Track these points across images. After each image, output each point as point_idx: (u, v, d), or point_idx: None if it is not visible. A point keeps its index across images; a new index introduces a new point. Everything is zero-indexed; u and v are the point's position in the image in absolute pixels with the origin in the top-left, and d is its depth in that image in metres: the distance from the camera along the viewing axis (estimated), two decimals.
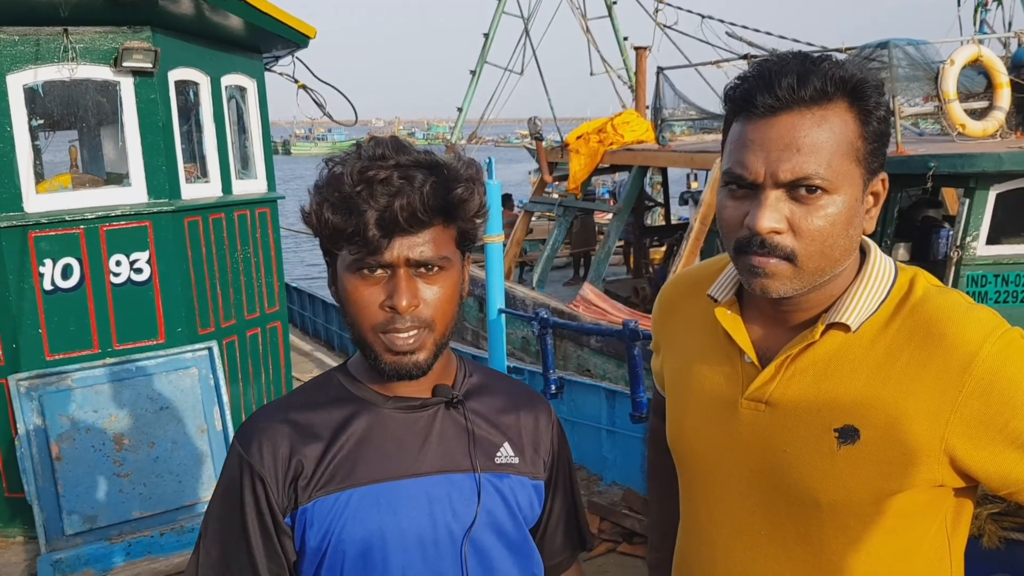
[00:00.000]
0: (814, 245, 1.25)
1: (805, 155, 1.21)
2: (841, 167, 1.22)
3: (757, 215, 1.24)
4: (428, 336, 1.32)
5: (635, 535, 4.95)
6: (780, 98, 1.22)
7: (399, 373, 1.32)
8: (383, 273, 1.29)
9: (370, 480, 1.34)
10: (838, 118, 1.22)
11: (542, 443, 1.50)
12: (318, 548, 1.33)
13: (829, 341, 1.32)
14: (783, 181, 1.23)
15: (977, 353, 1.22)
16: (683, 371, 1.52)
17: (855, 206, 1.25)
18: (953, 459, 1.24)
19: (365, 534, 1.32)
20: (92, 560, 4.40)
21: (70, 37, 4.67)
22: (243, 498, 1.33)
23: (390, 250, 1.27)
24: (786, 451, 1.33)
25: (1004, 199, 7.13)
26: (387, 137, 1.34)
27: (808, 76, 1.21)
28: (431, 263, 1.29)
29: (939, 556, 1.35)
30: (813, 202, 1.23)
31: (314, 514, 1.33)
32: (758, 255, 1.27)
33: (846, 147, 1.23)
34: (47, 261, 4.76)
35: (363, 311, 1.31)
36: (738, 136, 1.27)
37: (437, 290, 1.32)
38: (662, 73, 11.23)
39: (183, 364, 4.92)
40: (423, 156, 1.31)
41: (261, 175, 6.14)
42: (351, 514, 1.32)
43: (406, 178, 1.26)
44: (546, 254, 11.34)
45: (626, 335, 4.60)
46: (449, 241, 1.33)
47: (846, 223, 1.25)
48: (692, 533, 1.51)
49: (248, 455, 1.35)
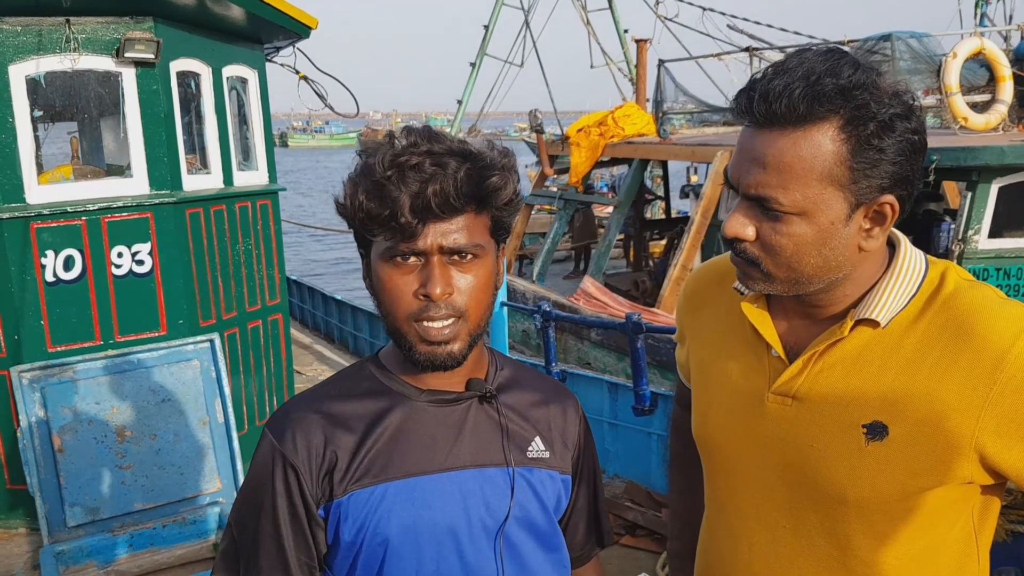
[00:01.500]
0: (779, 259, 1.26)
1: (770, 175, 1.21)
2: (812, 192, 1.20)
3: (725, 220, 1.28)
4: (462, 326, 1.30)
5: (638, 527, 4.95)
6: (763, 113, 1.20)
7: (433, 363, 1.31)
8: (416, 261, 1.28)
9: (405, 474, 1.33)
10: (819, 140, 1.19)
11: (570, 437, 1.49)
12: (353, 542, 1.33)
13: (858, 336, 1.31)
14: (749, 195, 1.24)
15: (1009, 350, 1.20)
16: (709, 363, 1.51)
17: (831, 229, 1.23)
18: (983, 456, 1.23)
19: (400, 528, 1.32)
20: (94, 552, 4.40)
21: (72, 28, 4.64)
22: (275, 487, 1.32)
23: (424, 237, 1.25)
24: (813, 446, 1.32)
25: (1006, 192, 7.13)
26: (420, 126, 1.32)
27: (794, 93, 1.17)
28: (464, 250, 1.28)
29: (966, 552, 1.34)
30: (779, 220, 1.23)
31: (349, 508, 1.32)
32: (734, 253, 1.30)
33: (821, 172, 1.19)
34: (49, 253, 4.74)
35: (397, 299, 1.29)
36: (739, 138, 1.29)
37: (471, 279, 1.30)
38: (663, 66, 11.22)
39: (185, 356, 4.90)
40: (456, 144, 1.30)
41: (262, 167, 6.12)
42: (387, 508, 1.32)
43: (439, 164, 1.24)
44: (546, 247, 11.32)
45: (629, 328, 4.59)
46: (483, 229, 1.32)
47: (817, 244, 1.23)
48: (716, 524, 1.51)
49: (281, 445, 1.33)
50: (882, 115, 1.18)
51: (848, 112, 1.18)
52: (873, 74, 1.20)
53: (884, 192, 1.22)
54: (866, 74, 1.19)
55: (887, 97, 1.19)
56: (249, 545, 1.35)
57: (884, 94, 1.19)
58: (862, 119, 1.18)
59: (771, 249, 1.26)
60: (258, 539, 1.34)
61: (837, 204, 1.21)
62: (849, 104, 1.18)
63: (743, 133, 1.27)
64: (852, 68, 1.19)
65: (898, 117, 1.19)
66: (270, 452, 1.34)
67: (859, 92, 1.18)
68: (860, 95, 1.18)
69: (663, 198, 15.10)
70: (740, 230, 1.27)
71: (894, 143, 1.19)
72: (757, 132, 1.23)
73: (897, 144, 1.19)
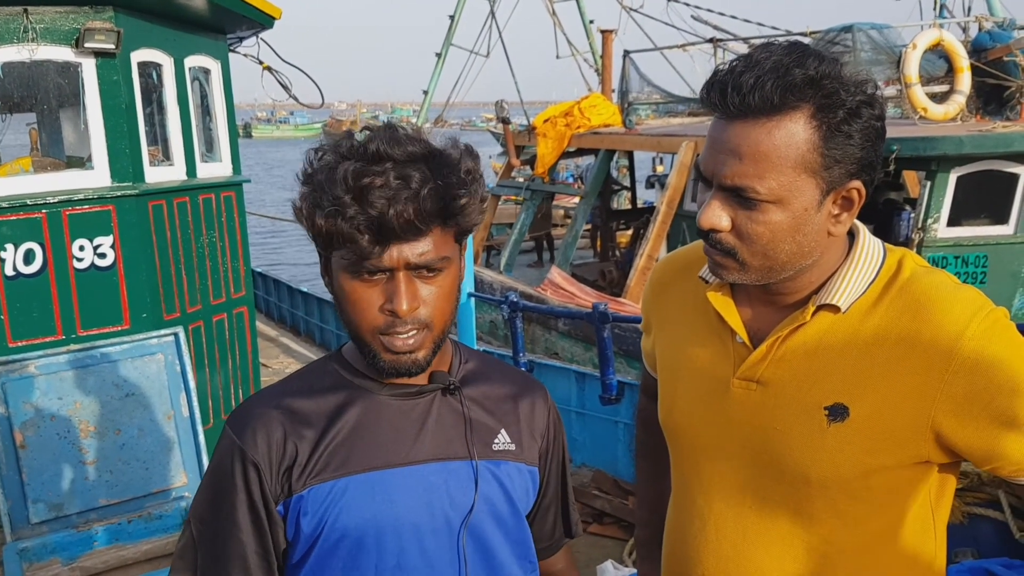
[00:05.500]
0: (755, 248, 1.29)
1: (746, 165, 1.24)
2: (787, 179, 1.24)
3: (701, 212, 1.30)
4: (427, 335, 1.29)
5: (605, 515, 4.99)
6: (736, 104, 1.23)
7: (398, 371, 1.31)
8: (382, 275, 1.26)
9: (366, 468, 1.32)
10: (792, 128, 1.22)
11: (538, 428, 1.48)
12: (310, 536, 1.32)
13: (819, 321, 1.35)
14: (725, 186, 1.27)
15: (963, 333, 1.25)
16: (675, 351, 1.54)
17: (804, 215, 1.27)
18: (939, 435, 1.28)
19: (360, 523, 1.31)
20: (59, 548, 4.34)
21: (30, 17, 4.55)
22: (235, 483, 1.31)
23: (388, 255, 1.23)
24: (777, 428, 1.36)
25: (964, 182, 7.26)
26: (383, 126, 1.28)
27: (767, 84, 1.21)
28: (432, 265, 1.26)
29: (923, 529, 1.39)
30: (755, 209, 1.26)
31: (308, 502, 1.31)
32: (708, 245, 1.33)
33: (796, 159, 1.23)
34: (8, 246, 4.66)
35: (362, 313, 1.28)
36: (709, 131, 1.31)
37: (436, 289, 1.29)
38: (628, 56, 11.26)
39: (149, 350, 4.84)
40: (420, 148, 1.25)
41: (226, 158, 6.05)
42: (346, 503, 1.31)
43: (403, 179, 1.21)
44: (514, 238, 11.34)
45: (596, 318, 4.62)
46: (448, 240, 1.29)
47: (792, 230, 1.27)
48: (683, 508, 1.53)
49: (241, 441, 1.32)
50: (850, 102, 1.23)
51: (818, 100, 1.22)
52: (837, 65, 1.25)
53: (852, 178, 1.27)
54: (831, 65, 1.24)
55: (853, 86, 1.24)
56: (208, 542, 1.34)
57: (850, 83, 1.24)
58: (832, 107, 1.22)
59: (747, 237, 1.29)
60: (217, 535, 1.33)
61: (810, 190, 1.25)
62: (819, 93, 1.22)
63: (714, 126, 1.29)
64: (817, 60, 1.24)
65: (864, 104, 1.24)
66: (230, 448, 1.33)
67: (827, 81, 1.22)
68: (829, 84, 1.22)
69: (630, 188, 15.18)
70: (716, 221, 1.29)
71: (861, 129, 1.24)
72: (729, 124, 1.26)
73: (863, 130, 1.24)
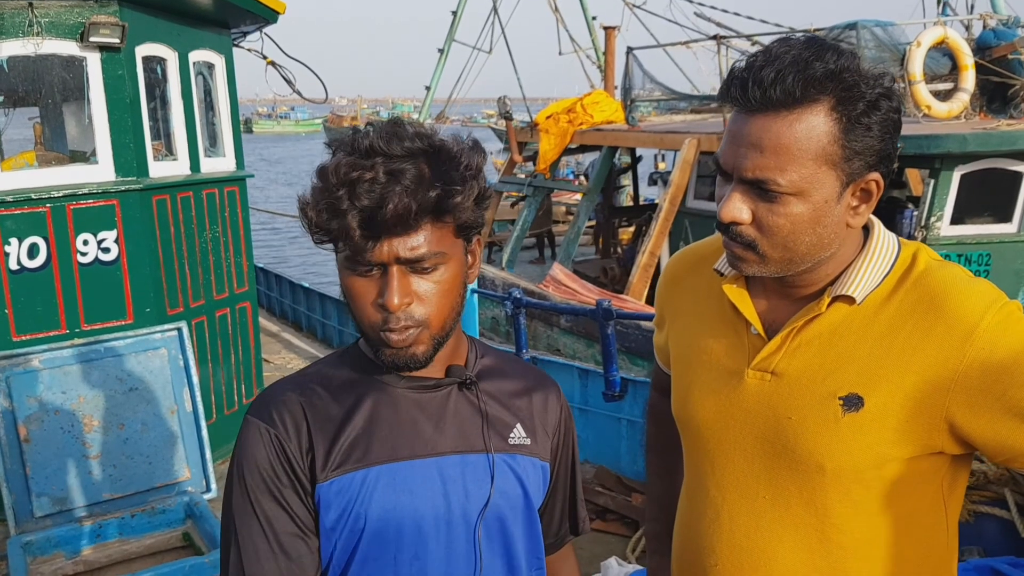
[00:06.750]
0: (776, 240, 1.30)
1: (768, 158, 1.25)
2: (808, 171, 1.25)
3: (721, 205, 1.31)
4: (423, 332, 1.28)
5: (608, 512, 4.99)
6: (757, 98, 1.25)
7: (398, 366, 1.30)
8: (377, 270, 1.25)
9: (386, 459, 1.33)
10: (813, 121, 1.24)
11: (550, 424, 1.49)
12: (333, 528, 1.32)
13: (834, 313, 1.36)
14: (746, 179, 1.28)
15: (978, 324, 1.26)
16: (689, 343, 1.55)
17: (825, 207, 1.28)
18: (953, 426, 1.29)
19: (381, 513, 1.31)
20: (62, 542, 4.35)
21: (35, 11, 4.55)
22: (268, 458, 1.31)
23: (379, 250, 1.22)
24: (791, 418, 1.37)
25: (968, 180, 7.25)
26: (384, 123, 1.27)
27: (788, 78, 1.22)
28: (425, 260, 1.25)
29: (936, 520, 1.40)
30: (775, 201, 1.27)
31: (331, 494, 1.31)
32: (728, 238, 1.34)
33: (817, 152, 1.25)
34: (12, 240, 4.67)
35: (361, 308, 1.28)
36: (728, 125, 1.32)
37: (432, 285, 1.27)
38: (631, 53, 11.24)
39: (152, 345, 4.85)
40: (419, 145, 1.24)
41: (230, 153, 6.05)
42: (368, 493, 1.31)
43: (394, 175, 1.20)
44: (516, 235, 11.32)
45: (599, 315, 4.62)
46: (446, 235, 1.27)
47: (812, 222, 1.29)
48: (696, 500, 1.53)
49: (268, 423, 1.32)
50: (869, 95, 1.24)
51: (838, 93, 1.24)
52: (855, 59, 1.27)
53: (870, 169, 1.29)
54: (849, 59, 1.26)
55: (872, 79, 1.26)
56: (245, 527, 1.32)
57: (869, 76, 1.26)
58: (852, 99, 1.24)
59: (768, 230, 1.30)
60: (259, 506, 1.31)
61: (830, 182, 1.27)
62: (839, 86, 1.24)
63: (734, 120, 1.30)
64: (836, 54, 1.25)
65: (882, 96, 1.26)
66: (255, 431, 1.33)
67: (847, 75, 1.24)
68: (849, 77, 1.24)
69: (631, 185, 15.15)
70: (737, 214, 1.30)
71: (879, 121, 1.26)
72: (750, 118, 1.27)
73: (882, 122, 1.26)
